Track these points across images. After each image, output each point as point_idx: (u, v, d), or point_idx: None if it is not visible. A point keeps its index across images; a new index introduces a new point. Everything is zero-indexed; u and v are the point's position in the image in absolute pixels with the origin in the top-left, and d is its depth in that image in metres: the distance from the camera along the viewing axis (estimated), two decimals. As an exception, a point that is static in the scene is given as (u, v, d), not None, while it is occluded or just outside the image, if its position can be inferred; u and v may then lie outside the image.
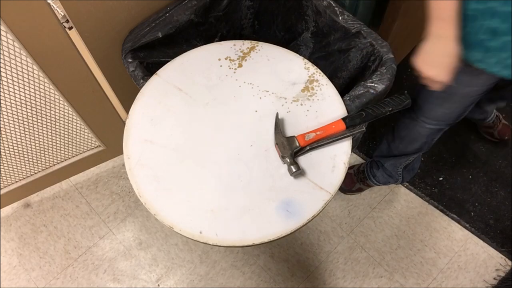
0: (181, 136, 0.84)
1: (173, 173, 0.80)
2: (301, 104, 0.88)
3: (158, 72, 0.91)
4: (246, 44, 0.96)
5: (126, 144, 0.82)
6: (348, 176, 1.45)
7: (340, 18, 0.98)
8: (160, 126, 0.84)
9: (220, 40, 1.05)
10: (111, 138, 1.36)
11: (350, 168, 1.47)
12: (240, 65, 0.93)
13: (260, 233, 0.73)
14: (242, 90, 0.90)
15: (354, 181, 1.44)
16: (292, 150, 0.78)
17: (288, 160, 0.76)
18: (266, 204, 0.76)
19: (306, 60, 0.94)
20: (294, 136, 0.80)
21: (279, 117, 0.85)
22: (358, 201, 1.46)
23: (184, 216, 0.75)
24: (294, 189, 0.77)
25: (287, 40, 1.18)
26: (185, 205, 0.76)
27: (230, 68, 0.92)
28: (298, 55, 0.95)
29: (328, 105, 0.87)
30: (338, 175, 0.78)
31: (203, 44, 0.97)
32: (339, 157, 0.80)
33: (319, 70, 0.92)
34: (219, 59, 0.94)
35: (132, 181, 0.78)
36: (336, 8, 0.98)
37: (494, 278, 1.33)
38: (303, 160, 0.80)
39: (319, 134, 0.80)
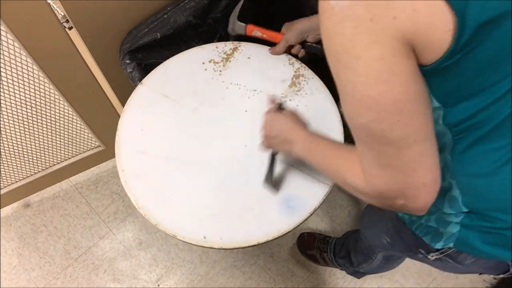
0: (173, 143, 0.83)
1: (170, 181, 0.79)
2: (290, 100, 0.88)
3: (143, 81, 0.91)
4: (228, 45, 0.96)
5: (118, 157, 0.81)
6: (309, 236, 1.37)
7: None
8: (151, 136, 0.84)
9: (219, 41, 1.05)
10: (111, 138, 1.35)
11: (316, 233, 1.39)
12: (225, 67, 0.92)
13: (264, 231, 0.73)
14: (230, 91, 0.90)
15: (314, 246, 1.33)
16: (236, 32, 0.99)
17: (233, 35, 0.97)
18: (266, 202, 0.76)
19: (290, 56, 0.95)
20: (245, 24, 0.98)
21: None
22: (358, 201, 1.46)
23: (186, 223, 0.75)
24: (293, 184, 0.78)
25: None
26: (186, 212, 0.76)
27: (215, 71, 0.92)
28: None
29: (316, 99, 0.88)
30: None
31: (194, 47, 0.97)
32: None
33: (303, 65, 0.93)
34: (203, 63, 0.94)
35: (129, 194, 0.77)
36: None
37: (494, 278, 1.33)
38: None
39: (264, 36, 0.96)
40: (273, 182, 0.76)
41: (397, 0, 0.39)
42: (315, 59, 0.91)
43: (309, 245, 1.34)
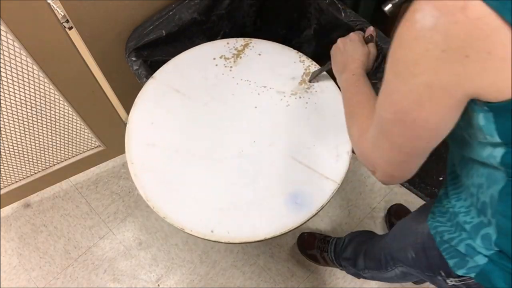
0: (183, 137, 0.84)
1: (179, 175, 0.80)
2: (300, 97, 0.88)
3: (154, 75, 0.91)
4: (239, 42, 0.97)
5: (128, 149, 0.82)
6: (310, 236, 1.37)
7: (342, 15, 0.98)
8: (161, 129, 0.84)
9: (223, 38, 1.05)
10: (111, 138, 1.36)
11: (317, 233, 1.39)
12: (235, 63, 0.93)
13: (271, 227, 0.74)
14: (240, 87, 0.90)
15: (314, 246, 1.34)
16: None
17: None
18: (274, 198, 0.76)
19: (300, 54, 0.94)
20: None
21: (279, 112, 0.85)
22: (358, 201, 1.46)
23: (194, 216, 0.75)
24: (301, 181, 0.78)
25: (289, 37, 1.18)
26: (194, 205, 0.76)
27: (225, 67, 0.93)
28: (292, 49, 0.96)
29: (327, 96, 0.88)
30: (343, 164, 0.79)
31: (206, 42, 0.97)
32: (342, 146, 0.81)
33: (314, 62, 0.93)
34: (214, 58, 0.94)
35: (138, 186, 0.78)
36: (339, 5, 0.98)
37: None
38: (307, 152, 0.81)
39: None
40: (316, 76, 0.89)
41: (477, 41, 0.38)
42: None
43: (309, 245, 1.34)
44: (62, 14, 0.86)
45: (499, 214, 0.52)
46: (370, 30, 0.83)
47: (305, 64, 0.93)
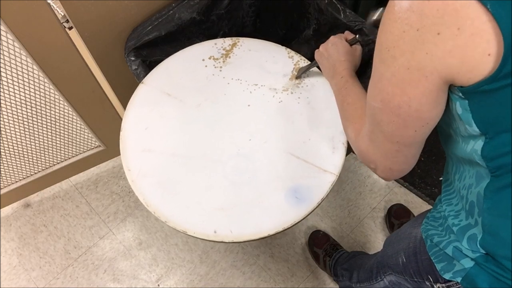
0: (178, 140, 0.83)
1: (177, 178, 0.79)
2: (292, 93, 0.89)
3: (144, 80, 0.91)
4: (227, 42, 0.97)
5: (124, 156, 0.81)
6: (324, 236, 1.38)
7: (342, 15, 0.98)
8: (156, 134, 0.84)
9: (223, 38, 1.06)
10: (111, 138, 1.36)
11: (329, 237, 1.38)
12: (225, 63, 0.93)
13: (273, 223, 0.74)
14: (231, 86, 0.90)
15: (324, 243, 1.36)
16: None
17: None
18: (274, 194, 0.77)
19: (289, 50, 0.95)
20: None
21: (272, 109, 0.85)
22: (358, 201, 1.46)
23: (196, 218, 0.75)
24: (299, 175, 0.78)
25: (288, 38, 1.18)
26: (195, 207, 0.76)
27: (215, 67, 0.93)
28: (280, 45, 0.96)
29: (318, 90, 0.89)
30: (339, 156, 0.80)
31: (193, 44, 0.97)
32: (337, 138, 0.81)
33: (303, 58, 0.94)
34: (203, 60, 0.94)
35: (137, 193, 0.77)
36: (338, 6, 0.98)
37: None
38: (303, 147, 0.81)
39: None
40: (304, 72, 0.90)
41: (448, 16, 0.39)
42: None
43: (319, 243, 1.35)
44: (62, 14, 0.86)
45: (485, 212, 0.52)
46: (350, 34, 0.86)
47: (294, 60, 0.93)
